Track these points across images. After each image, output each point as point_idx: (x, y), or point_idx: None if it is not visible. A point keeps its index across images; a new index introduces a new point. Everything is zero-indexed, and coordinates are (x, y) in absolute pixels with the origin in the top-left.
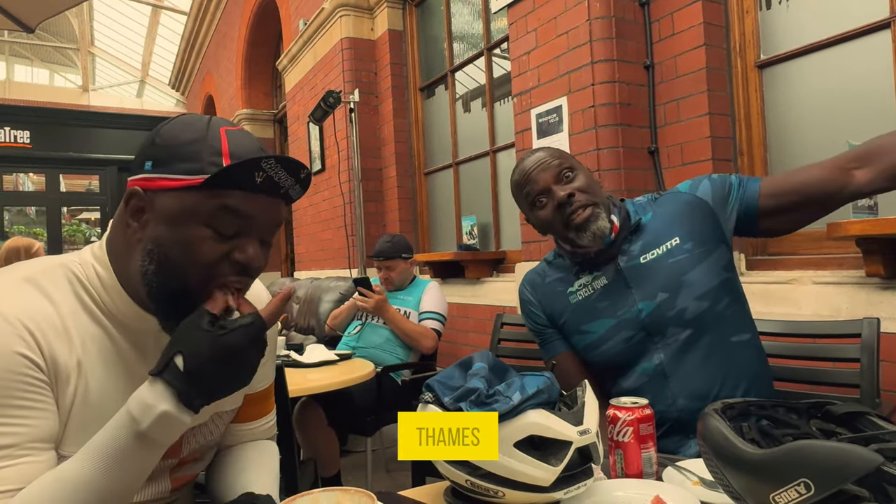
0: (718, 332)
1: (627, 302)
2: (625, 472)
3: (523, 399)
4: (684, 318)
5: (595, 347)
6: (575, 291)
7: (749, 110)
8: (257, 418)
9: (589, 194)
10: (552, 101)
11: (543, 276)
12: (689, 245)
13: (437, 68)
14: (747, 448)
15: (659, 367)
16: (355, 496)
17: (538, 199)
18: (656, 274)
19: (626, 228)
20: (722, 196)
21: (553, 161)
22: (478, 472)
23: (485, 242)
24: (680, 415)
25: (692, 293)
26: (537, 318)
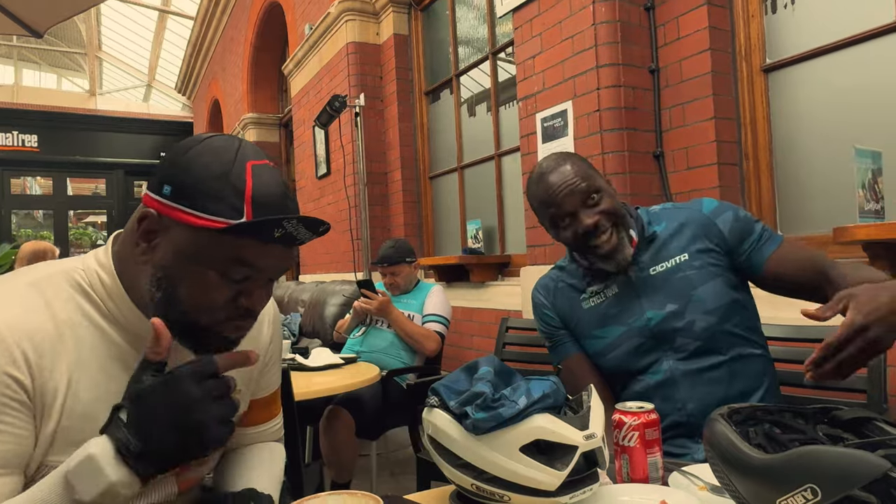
0: (727, 346)
1: (636, 311)
2: (630, 477)
3: (529, 403)
4: (693, 329)
5: (605, 353)
6: (587, 298)
7: (755, 114)
8: (264, 422)
9: (613, 216)
10: (557, 106)
11: (556, 281)
12: (698, 262)
13: (443, 72)
14: (753, 453)
15: (668, 373)
16: (362, 500)
17: (562, 220)
18: (665, 286)
19: (641, 241)
20: (739, 239)
21: (581, 184)
22: (483, 476)
23: (490, 246)
24: (689, 419)
25: (701, 308)
26: (551, 319)
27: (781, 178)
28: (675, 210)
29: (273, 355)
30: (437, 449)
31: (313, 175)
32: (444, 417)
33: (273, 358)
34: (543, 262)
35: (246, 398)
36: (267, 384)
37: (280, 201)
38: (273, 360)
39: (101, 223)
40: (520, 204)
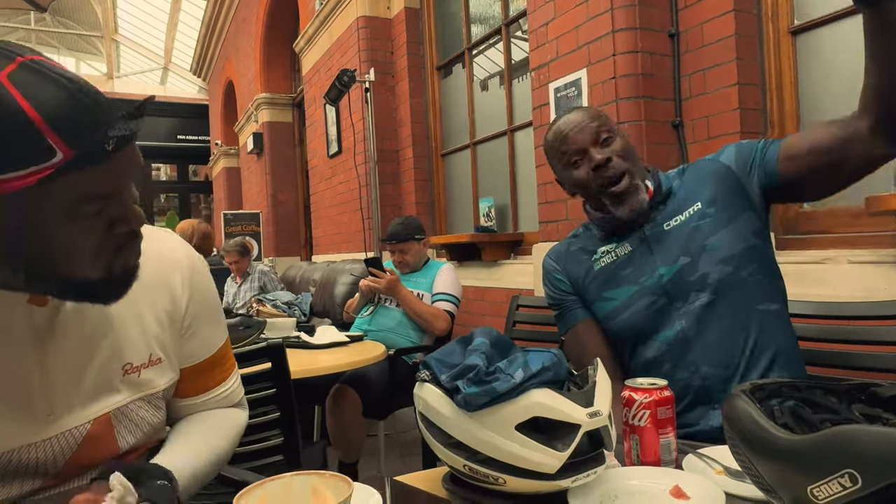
0: (742, 298)
1: (649, 268)
2: (641, 460)
3: (526, 377)
4: (706, 282)
5: (616, 315)
6: (599, 258)
7: (781, 80)
8: (202, 392)
9: (626, 160)
10: (571, 74)
11: (568, 246)
12: (711, 210)
13: (455, 47)
14: (781, 434)
15: (680, 333)
16: (331, 481)
17: (573, 158)
18: (678, 239)
19: (658, 195)
20: (745, 162)
21: (591, 123)
22: (476, 457)
23: (502, 224)
24: (703, 383)
25: (714, 257)
26: (561, 283)
27: None
28: (686, 169)
29: (196, 317)
30: (429, 427)
31: (325, 154)
32: (434, 393)
33: (196, 320)
34: (556, 239)
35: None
36: (195, 350)
37: (73, 105)
38: (197, 323)
39: None
40: (532, 180)
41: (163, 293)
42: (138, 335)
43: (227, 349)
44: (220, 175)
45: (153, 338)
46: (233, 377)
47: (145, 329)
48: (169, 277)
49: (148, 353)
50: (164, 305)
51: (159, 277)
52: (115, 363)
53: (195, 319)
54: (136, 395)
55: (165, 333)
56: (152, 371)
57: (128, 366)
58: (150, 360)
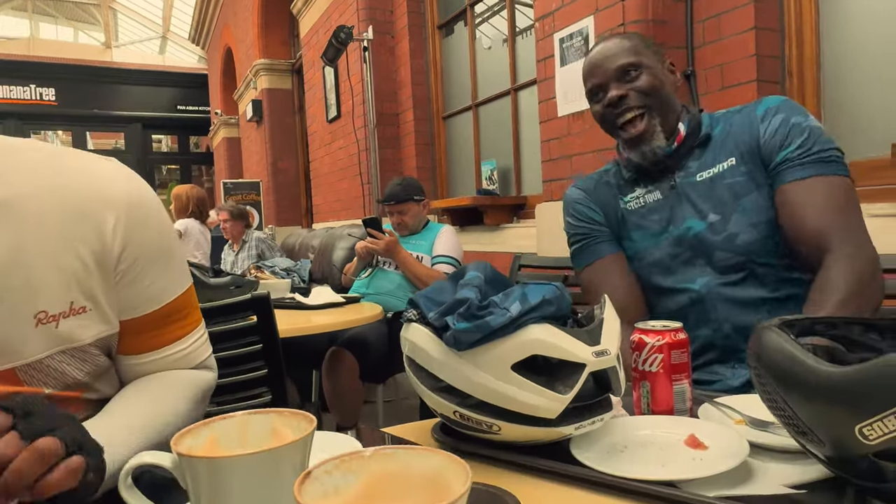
0: (774, 265)
1: (678, 218)
2: (651, 409)
3: (524, 311)
4: (734, 243)
5: (639, 259)
6: (627, 201)
7: (801, 24)
8: (152, 349)
9: (648, 97)
10: (577, 23)
11: (599, 178)
12: (745, 168)
13: (456, 3)
14: (823, 366)
15: (703, 288)
16: (291, 419)
17: (595, 91)
18: (710, 194)
19: (691, 140)
20: (772, 150)
21: (621, 55)
22: (468, 402)
23: (505, 188)
24: (725, 342)
25: (746, 219)
26: (591, 212)
27: (828, 97)
28: (734, 112)
29: (135, 262)
30: (416, 370)
31: (324, 119)
32: (422, 332)
33: (135, 265)
34: (560, 199)
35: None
36: (137, 300)
37: None
38: (136, 268)
39: None
40: (536, 141)
41: (89, 232)
42: (56, 280)
43: (186, 303)
44: (220, 145)
45: (75, 283)
46: (193, 336)
47: (65, 273)
48: (98, 216)
49: (68, 301)
50: (92, 246)
51: (85, 215)
52: (24, 310)
53: (134, 264)
54: (54, 348)
55: (93, 278)
56: (74, 321)
57: (41, 314)
58: (72, 309)
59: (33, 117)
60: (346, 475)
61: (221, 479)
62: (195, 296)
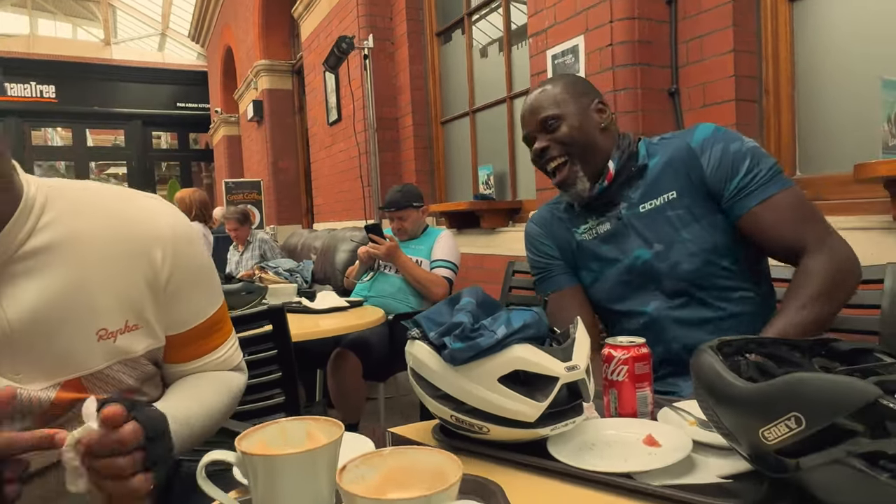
0: (715, 288)
1: (627, 248)
2: (619, 412)
3: (508, 333)
4: (678, 271)
5: (594, 286)
6: (580, 233)
7: (777, 47)
8: (195, 358)
9: (567, 146)
10: (568, 41)
11: (552, 213)
12: (687, 201)
13: (454, 12)
14: (737, 382)
15: (655, 312)
16: (324, 425)
17: (527, 139)
18: (654, 224)
19: (624, 174)
20: (721, 181)
21: (543, 108)
22: (463, 408)
23: (501, 192)
24: (678, 358)
25: (686, 250)
26: (548, 248)
27: (803, 115)
28: (671, 140)
29: (180, 287)
30: (419, 381)
31: (325, 122)
32: (423, 349)
33: (180, 289)
34: None
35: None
36: (182, 318)
37: None
38: (182, 292)
39: (121, 174)
40: None
41: (143, 263)
42: (113, 302)
43: (222, 316)
44: (220, 143)
45: (130, 305)
46: (227, 343)
47: (122, 297)
48: (148, 248)
49: (124, 320)
50: (145, 274)
51: (138, 248)
52: (87, 328)
53: (179, 290)
54: (112, 360)
55: (145, 301)
56: (128, 337)
57: (102, 331)
58: (127, 327)
59: (34, 115)
60: (369, 468)
61: (274, 472)
62: (227, 308)
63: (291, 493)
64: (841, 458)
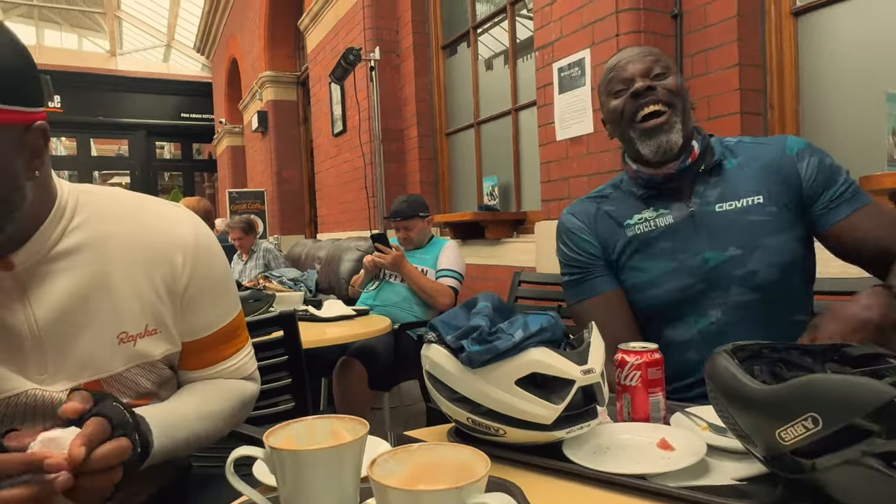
0: (783, 306)
1: (693, 248)
2: (632, 417)
3: (525, 336)
4: (753, 280)
5: (645, 289)
6: (633, 224)
7: (782, 61)
8: (209, 366)
9: (674, 96)
10: (575, 54)
11: (598, 205)
12: (774, 209)
13: (460, 25)
14: (753, 384)
15: (713, 325)
16: (348, 423)
17: (618, 87)
18: (731, 227)
19: (704, 160)
20: (820, 190)
21: (647, 56)
22: (479, 410)
23: (506, 203)
24: None
25: (767, 258)
26: (589, 245)
27: (808, 128)
28: (755, 146)
29: (197, 295)
30: (435, 384)
31: (329, 133)
32: (440, 352)
33: (198, 298)
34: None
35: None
36: (198, 326)
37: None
38: (199, 300)
39: (125, 184)
40: (536, 159)
41: (164, 268)
42: (135, 306)
43: (238, 324)
44: (224, 153)
45: (150, 310)
46: (242, 352)
47: (143, 301)
48: (170, 255)
49: (144, 324)
50: (165, 280)
51: (160, 254)
52: (109, 331)
53: (197, 297)
54: (131, 363)
55: (164, 306)
56: (147, 341)
57: (123, 334)
58: (146, 331)
59: None
60: (398, 462)
61: (302, 467)
62: (244, 317)
63: (318, 488)
64: (857, 459)
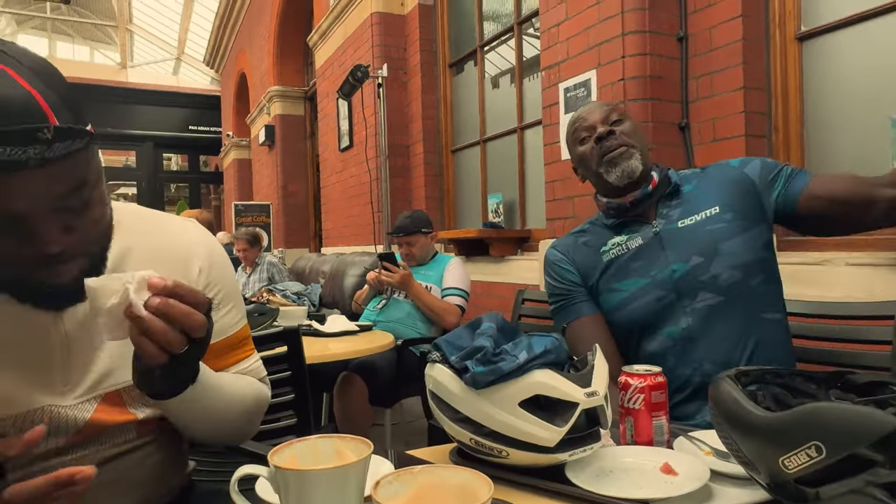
0: (749, 305)
1: (661, 262)
2: (635, 441)
3: (530, 358)
4: (716, 283)
5: (624, 306)
6: (608, 250)
7: (787, 84)
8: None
9: (629, 137)
10: (581, 75)
11: (575, 240)
12: (729, 216)
13: (467, 44)
14: (757, 411)
15: (686, 330)
16: (352, 443)
17: (582, 135)
18: (692, 238)
19: (664, 187)
20: (769, 180)
21: (605, 107)
22: (482, 431)
23: (510, 221)
24: (704, 379)
25: (727, 262)
26: (570, 274)
27: (812, 152)
28: (703, 171)
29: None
30: (438, 404)
31: (336, 148)
32: (444, 372)
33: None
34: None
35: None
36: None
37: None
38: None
39: (131, 195)
40: (541, 178)
41: (181, 275)
42: None
43: (246, 334)
44: (231, 166)
45: None
46: (253, 356)
47: None
48: (188, 264)
49: None
50: None
51: (178, 264)
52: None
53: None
54: None
55: None
56: None
57: None
58: None
59: None
60: (402, 484)
61: (306, 487)
62: (250, 329)
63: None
64: (861, 488)
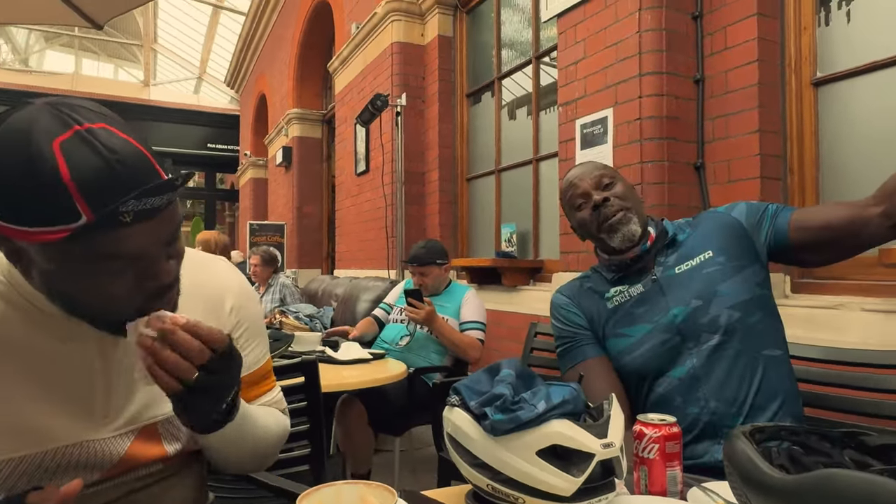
0: (751, 343)
1: (662, 308)
2: (649, 490)
3: (548, 408)
4: (717, 324)
5: (630, 352)
6: (611, 297)
7: (802, 128)
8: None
9: (624, 201)
10: (598, 113)
11: (580, 285)
12: (722, 259)
13: (485, 75)
14: (774, 473)
15: (691, 370)
16: (377, 490)
17: (578, 202)
18: (690, 283)
19: (661, 240)
20: (755, 221)
21: (595, 171)
22: (499, 477)
23: (523, 251)
24: (711, 418)
25: (724, 303)
26: (576, 317)
27: (827, 194)
28: (695, 219)
29: (243, 335)
30: (456, 447)
31: (352, 172)
32: (463, 417)
33: (241, 338)
34: (576, 269)
35: None
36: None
37: (109, 176)
38: (243, 341)
39: None
40: (555, 209)
41: (216, 309)
42: None
43: (269, 368)
44: (247, 185)
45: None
46: (276, 388)
47: None
48: (221, 303)
49: None
50: (218, 320)
51: (213, 302)
52: None
53: (241, 339)
54: None
55: None
56: None
57: None
58: None
59: None
60: None
61: None
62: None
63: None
64: None
